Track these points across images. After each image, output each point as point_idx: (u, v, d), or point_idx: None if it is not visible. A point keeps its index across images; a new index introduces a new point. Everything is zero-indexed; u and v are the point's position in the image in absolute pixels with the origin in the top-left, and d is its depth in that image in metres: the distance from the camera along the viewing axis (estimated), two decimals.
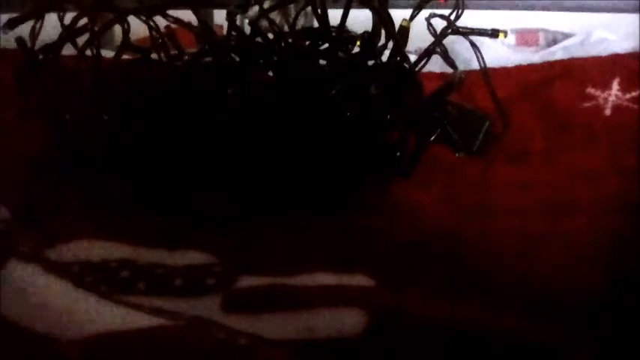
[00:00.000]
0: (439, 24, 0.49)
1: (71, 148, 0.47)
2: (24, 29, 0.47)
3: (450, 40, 0.50)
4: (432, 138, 0.48)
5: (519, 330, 0.34)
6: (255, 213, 0.44)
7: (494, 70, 0.57)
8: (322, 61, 0.47)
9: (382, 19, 0.45)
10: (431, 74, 0.55)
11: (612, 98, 0.57)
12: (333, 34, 0.46)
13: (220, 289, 0.37)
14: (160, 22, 0.50)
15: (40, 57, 0.48)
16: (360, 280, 0.38)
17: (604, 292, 0.37)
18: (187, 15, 0.49)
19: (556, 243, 0.42)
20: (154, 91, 0.48)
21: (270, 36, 0.48)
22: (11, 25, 0.46)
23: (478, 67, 0.53)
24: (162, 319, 0.32)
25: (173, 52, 0.50)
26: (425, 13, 0.49)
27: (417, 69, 0.48)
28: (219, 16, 0.65)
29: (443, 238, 0.43)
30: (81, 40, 0.48)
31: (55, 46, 0.48)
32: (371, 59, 0.47)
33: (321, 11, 0.46)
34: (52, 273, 0.33)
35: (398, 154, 0.47)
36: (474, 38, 0.51)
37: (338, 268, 0.38)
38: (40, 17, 0.48)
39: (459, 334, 0.34)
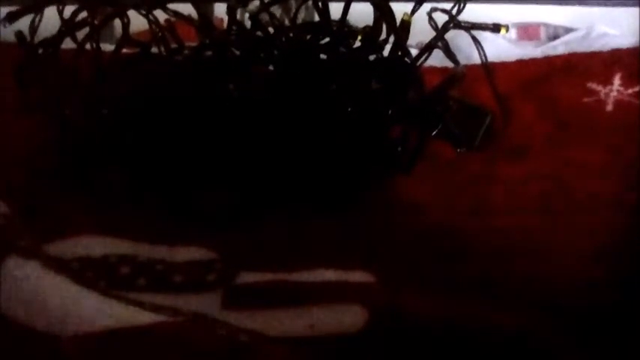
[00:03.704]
0: (440, 18, 0.49)
1: (71, 143, 0.47)
2: (23, 23, 0.47)
3: (452, 35, 0.50)
4: (433, 133, 0.48)
5: (518, 328, 0.34)
6: (255, 209, 0.44)
7: (494, 64, 0.56)
8: (323, 56, 0.47)
9: (383, 13, 0.45)
10: (432, 69, 0.54)
11: (614, 93, 0.57)
12: (334, 28, 0.46)
13: (221, 285, 0.37)
14: (160, 15, 0.50)
15: (40, 51, 0.47)
16: (360, 276, 0.38)
17: (604, 291, 0.37)
18: (187, 8, 0.49)
19: (556, 240, 0.42)
20: (154, 85, 0.47)
21: (271, 30, 0.47)
22: (11, 18, 0.46)
23: (479, 62, 0.52)
24: (162, 316, 0.32)
25: (173, 46, 0.50)
26: (426, 7, 0.48)
27: (418, 63, 0.48)
28: (220, 10, 0.64)
29: (443, 234, 0.43)
30: (80, 34, 0.48)
31: (55, 40, 0.47)
32: (372, 54, 0.47)
33: (322, 5, 0.46)
34: (51, 269, 0.33)
35: (399, 149, 0.46)
36: (475, 32, 0.50)
37: (338, 264, 0.38)
38: (39, 11, 0.47)
39: (459, 331, 0.34)
